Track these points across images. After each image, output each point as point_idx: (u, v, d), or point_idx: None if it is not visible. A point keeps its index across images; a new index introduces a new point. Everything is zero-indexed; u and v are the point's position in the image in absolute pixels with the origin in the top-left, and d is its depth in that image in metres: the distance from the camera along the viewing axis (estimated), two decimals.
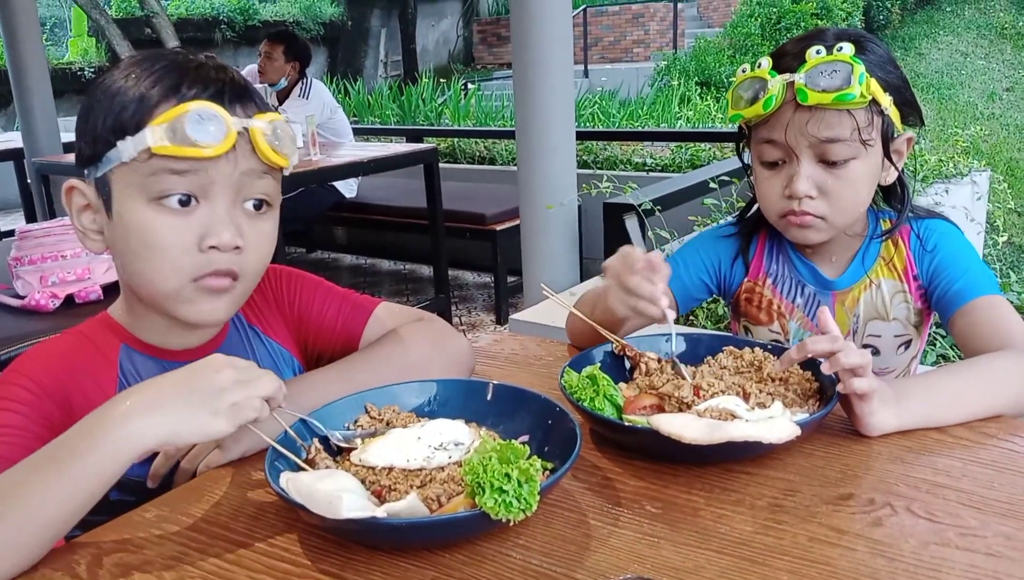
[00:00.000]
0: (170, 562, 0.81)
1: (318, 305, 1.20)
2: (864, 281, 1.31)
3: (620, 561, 0.77)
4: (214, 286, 0.98)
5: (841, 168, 1.19)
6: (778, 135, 1.19)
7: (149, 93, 0.94)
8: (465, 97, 8.57)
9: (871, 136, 1.18)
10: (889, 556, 0.76)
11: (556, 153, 3.33)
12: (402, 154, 4.40)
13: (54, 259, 2.65)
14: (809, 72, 1.13)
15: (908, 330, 1.32)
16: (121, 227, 0.97)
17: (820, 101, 1.13)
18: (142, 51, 1.05)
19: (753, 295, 1.39)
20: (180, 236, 0.95)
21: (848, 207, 1.23)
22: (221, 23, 13.52)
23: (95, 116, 0.96)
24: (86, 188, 1.00)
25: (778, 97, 1.16)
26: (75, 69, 12.09)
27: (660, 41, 14.21)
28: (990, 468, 0.91)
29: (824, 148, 1.18)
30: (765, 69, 1.18)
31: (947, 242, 1.28)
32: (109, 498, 1.03)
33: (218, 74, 0.97)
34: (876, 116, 1.18)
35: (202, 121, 0.91)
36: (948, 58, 12.05)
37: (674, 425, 0.88)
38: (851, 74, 1.12)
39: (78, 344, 1.05)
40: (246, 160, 0.96)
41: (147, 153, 0.92)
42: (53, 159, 5.19)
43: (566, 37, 3.30)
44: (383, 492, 0.83)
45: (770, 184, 1.24)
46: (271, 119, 0.98)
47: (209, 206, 0.96)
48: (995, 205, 4.86)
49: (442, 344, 1.18)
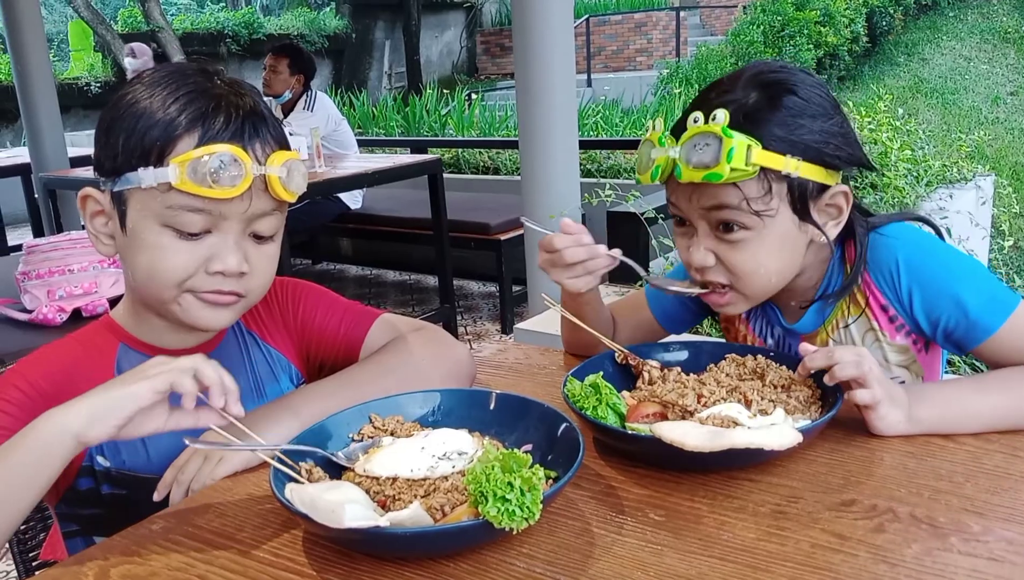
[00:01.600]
0: (176, 573, 0.81)
1: (321, 315, 1.22)
2: (829, 324, 1.21)
3: (624, 569, 0.77)
4: (218, 301, 1.04)
5: (735, 238, 1.09)
6: (676, 201, 1.14)
7: (174, 123, 0.97)
8: (469, 107, 8.59)
9: (768, 206, 1.07)
10: (892, 562, 0.76)
11: (559, 162, 3.34)
12: (406, 165, 4.41)
13: (61, 273, 2.66)
14: (685, 145, 1.05)
15: (893, 371, 1.20)
16: (134, 242, 1.01)
17: (691, 179, 1.04)
18: (165, 66, 1.07)
19: (732, 327, 1.35)
20: (187, 258, 1.00)
21: (751, 278, 1.12)
22: (226, 37, 13.60)
23: (117, 132, 0.99)
24: (101, 197, 1.04)
25: (663, 170, 1.09)
26: (82, 84, 12.17)
27: (663, 50, 14.24)
28: (992, 474, 0.91)
29: (715, 216, 1.09)
30: (657, 133, 1.09)
31: (922, 260, 1.12)
32: (100, 492, 1.05)
33: (240, 108, 1.01)
34: (775, 183, 1.06)
35: (224, 166, 0.96)
36: (952, 63, 12.05)
37: (676, 433, 0.88)
38: (720, 150, 1.01)
39: (78, 347, 1.09)
40: (259, 199, 1.01)
41: (167, 186, 0.96)
42: (60, 174, 5.22)
43: (567, 46, 3.31)
44: (387, 502, 0.84)
45: (680, 245, 1.18)
46: (286, 159, 1.02)
47: (219, 236, 1.01)
48: (1000, 209, 4.85)
49: (443, 353, 1.20)
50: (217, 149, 0.96)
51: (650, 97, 10.74)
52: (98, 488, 1.07)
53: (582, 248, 1.13)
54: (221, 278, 1.02)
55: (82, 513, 1.09)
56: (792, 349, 1.21)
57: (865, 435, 1.01)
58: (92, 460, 1.06)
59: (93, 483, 1.07)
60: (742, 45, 12.07)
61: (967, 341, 1.10)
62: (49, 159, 5.66)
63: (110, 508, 1.07)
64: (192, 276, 1.01)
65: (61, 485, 1.06)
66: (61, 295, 2.64)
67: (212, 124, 0.98)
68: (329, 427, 0.97)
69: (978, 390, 1.04)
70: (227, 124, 0.99)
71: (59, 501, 1.09)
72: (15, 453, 0.85)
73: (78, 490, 1.07)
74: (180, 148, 0.97)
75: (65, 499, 1.08)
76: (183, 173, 0.95)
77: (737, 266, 1.11)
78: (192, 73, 1.02)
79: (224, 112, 0.99)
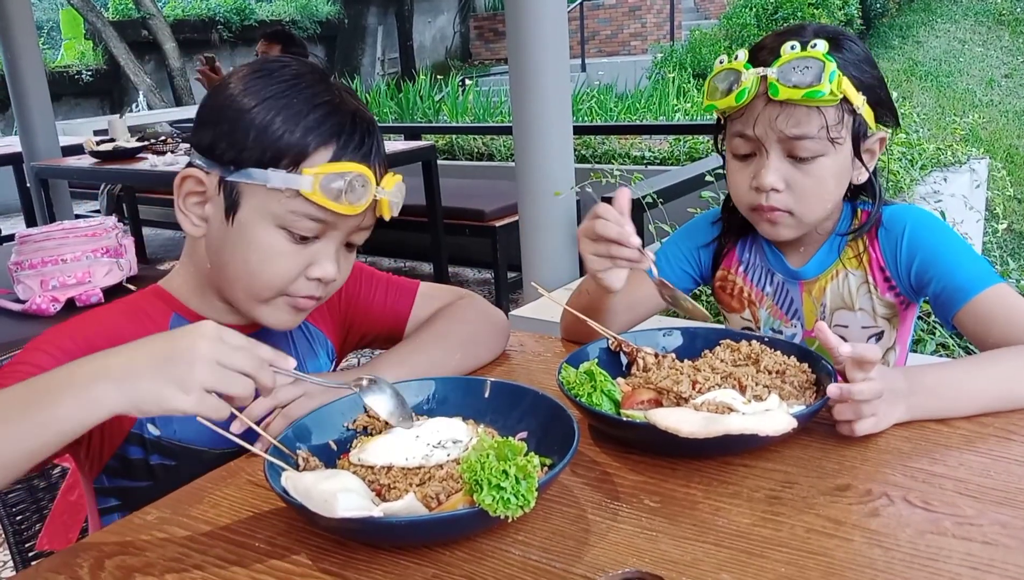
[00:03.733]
0: (171, 564, 0.81)
1: (365, 292, 1.28)
2: (831, 271, 1.31)
3: (619, 555, 0.78)
4: (303, 306, 1.08)
5: (808, 164, 1.19)
6: (749, 128, 1.20)
7: (314, 132, 1.00)
8: (463, 93, 8.56)
9: (840, 134, 1.18)
10: (886, 546, 0.76)
11: (554, 148, 3.32)
12: (400, 152, 4.40)
13: (54, 263, 2.65)
14: (782, 67, 1.14)
15: (876, 322, 1.30)
16: (241, 235, 1.03)
17: (790, 97, 1.13)
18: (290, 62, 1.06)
19: (726, 283, 1.41)
20: (293, 262, 1.04)
21: (814, 203, 1.22)
22: (218, 23, 13.49)
23: (245, 126, 1.00)
24: (206, 179, 1.04)
25: (751, 90, 1.16)
26: (72, 72, 12.08)
27: (657, 34, 14.18)
28: (986, 456, 0.91)
29: (792, 144, 1.18)
30: (741, 61, 1.18)
31: (926, 235, 1.24)
32: (149, 463, 1.06)
33: (368, 126, 1.05)
34: (847, 115, 1.18)
35: (355, 188, 1.00)
36: (946, 46, 12.02)
37: (671, 419, 0.88)
38: (822, 71, 1.12)
39: (128, 312, 1.09)
40: (369, 215, 1.06)
41: (295, 192, 0.99)
42: (52, 163, 5.19)
43: (561, 31, 3.29)
44: (382, 491, 0.84)
45: (740, 176, 1.25)
46: (396, 183, 1.06)
47: (324, 243, 1.05)
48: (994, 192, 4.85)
49: (488, 317, 1.30)
50: (352, 168, 1.00)
51: (644, 82, 10.70)
52: (147, 458, 1.06)
53: (614, 226, 1.09)
54: (316, 284, 1.06)
55: (126, 486, 1.08)
56: (790, 296, 1.34)
57: None
58: (142, 428, 1.05)
59: (143, 452, 1.06)
60: (735, 28, 12.02)
61: (951, 303, 1.18)
62: (40, 148, 5.61)
63: (158, 480, 1.06)
64: (294, 280, 1.04)
65: (106, 455, 1.06)
66: (54, 285, 2.63)
67: (349, 141, 1.01)
68: (323, 417, 0.97)
69: (971, 371, 1.06)
70: (361, 143, 1.02)
71: (100, 473, 1.08)
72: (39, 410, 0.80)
73: (127, 459, 1.06)
74: (316, 159, 1.00)
75: (108, 471, 1.07)
76: (316, 184, 0.98)
77: (805, 190, 1.20)
78: (318, 78, 1.05)
79: (359, 130, 1.03)
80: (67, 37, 13.44)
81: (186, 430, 1.06)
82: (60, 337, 1.01)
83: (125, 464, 1.07)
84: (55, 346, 0.99)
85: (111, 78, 12.56)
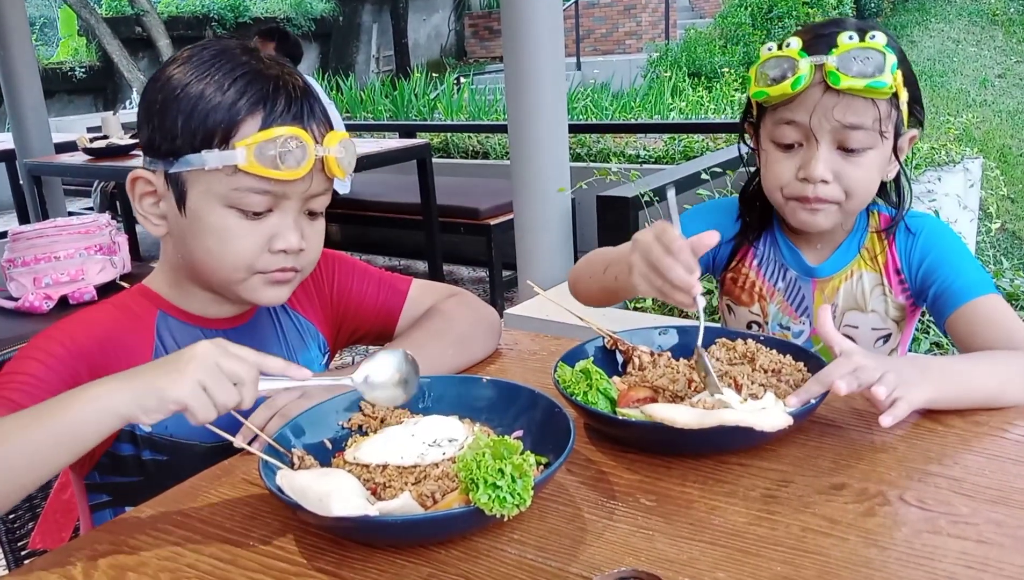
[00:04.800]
0: (165, 562, 0.81)
1: (357, 287, 1.28)
2: (846, 271, 1.32)
3: (615, 554, 0.78)
4: (279, 278, 1.07)
5: (858, 156, 1.19)
6: (801, 117, 1.19)
7: (236, 105, 0.99)
8: (458, 91, 8.55)
9: (887, 128, 1.19)
10: (881, 545, 0.76)
11: (549, 146, 3.32)
12: (395, 150, 4.39)
13: (47, 260, 2.64)
14: (841, 56, 1.13)
15: (887, 324, 1.31)
16: (195, 223, 1.03)
17: (852, 86, 1.13)
18: (206, 45, 1.06)
19: (739, 275, 1.40)
20: (253, 240, 1.03)
21: (860, 195, 1.23)
22: (212, 20, 13.46)
23: (173, 115, 1.00)
24: (153, 178, 1.04)
25: (807, 78, 1.15)
26: (65, 69, 12.03)
27: (652, 32, 14.17)
28: (981, 455, 0.91)
29: (845, 134, 1.18)
30: (795, 49, 1.17)
31: (938, 240, 1.27)
32: (141, 458, 1.06)
33: (296, 89, 1.03)
34: (894, 109, 1.19)
35: (289, 149, 0.98)
36: (940, 45, 12.04)
37: (666, 412, 0.88)
38: (884, 63, 1.13)
39: (116, 312, 1.10)
40: (317, 178, 1.04)
41: (232, 168, 0.98)
42: (45, 160, 5.17)
43: (557, 29, 3.29)
44: (378, 490, 0.83)
45: (783, 166, 1.24)
46: (340, 140, 1.04)
47: (280, 214, 1.04)
48: (988, 192, 4.87)
49: (480, 315, 1.29)
50: (283, 132, 0.98)
51: (639, 80, 10.70)
52: (139, 454, 1.06)
53: (683, 273, 0.98)
54: (283, 256, 1.05)
55: (117, 482, 1.08)
56: (803, 293, 1.34)
57: (855, 418, 1.01)
58: (134, 425, 1.04)
59: (134, 449, 1.06)
60: (730, 27, 12.03)
61: (946, 307, 1.21)
62: (33, 145, 5.60)
63: (150, 475, 1.06)
64: (258, 257, 1.04)
65: (97, 452, 1.05)
66: (47, 282, 2.62)
67: (275, 106, 1.00)
68: (319, 416, 0.97)
69: (970, 366, 1.08)
70: (288, 106, 1.01)
71: (91, 470, 1.08)
72: (52, 418, 0.83)
73: (118, 456, 1.06)
74: (245, 131, 0.99)
75: (99, 467, 1.08)
76: (250, 155, 0.97)
77: (853, 182, 1.21)
78: (239, 52, 1.04)
79: (284, 93, 1.01)
80: (64, 35, 13.38)
81: (178, 426, 1.05)
82: (49, 343, 1.01)
83: (116, 461, 1.07)
84: (45, 353, 0.99)
85: (105, 75, 12.52)
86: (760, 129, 1.28)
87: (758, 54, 1.23)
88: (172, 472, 1.00)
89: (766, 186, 1.29)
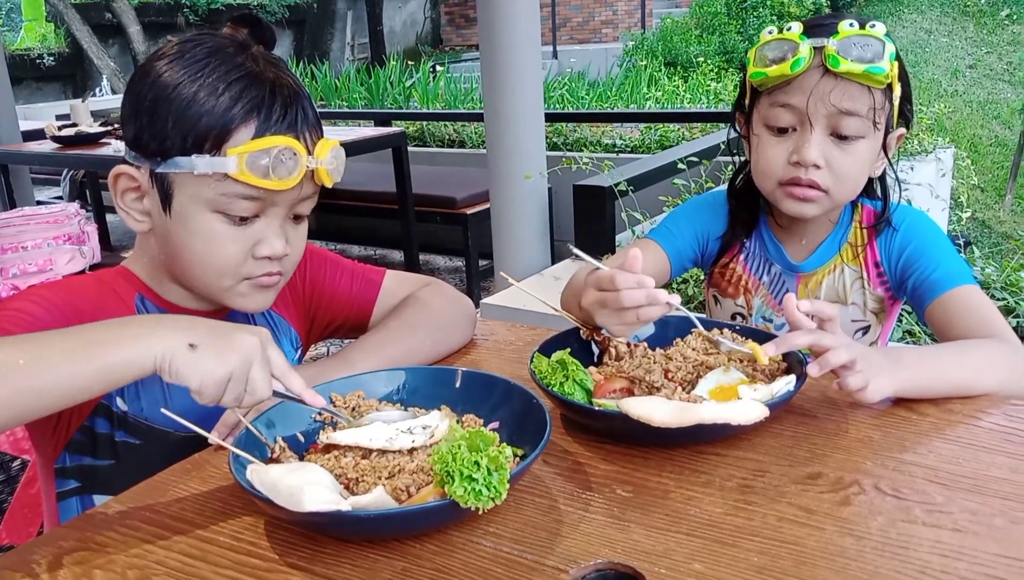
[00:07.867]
0: (133, 559, 0.79)
1: (330, 280, 1.27)
2: (829, 265, 1.34)
3: (591, 546, 0.77)
4: (265, 283, 1.07)
5: (850, 144, 1.20)
6: (797, 100, 1.19)
7: (230, 112, 0.97)
8: (434, 79, 8.49)
9: (880, 120, 1.20)
10: (857, 535, 0.76)
11: (525, 135, 3.31)
12: (370, 138, 4.36)
13: (15, 250, 2.59)
14: (842, 41, 1.14)
15: (866, 316, 1.33)
16: (181, 225, 1.01)
17: (850, 70, 1.14)
18: (198, 40, 1.02)
19: (726, 270, 1.42)
20: (238, 245, 1.02)
21: (849, 184, 1.23)
22: (183, 7, 13.26)
23: (163, 115, 0.97)
24: (138, 174, 1.02)
25: (806, 60, 1.16)
26: (33, 55, 11.81)
27: (628, 21, 14.18)
28: (955, 444, 0.92)
29: (839, 120, 1.18)
30: (795, 32, 1.18)
31: (918, 232, 1.28)
32: (114, 439, 1.04)
33: (290, 94, 1.01)
34: (888, 102, 1.20)
35: (282, 161, 0.97)
36: (912, 36, 12.15)
37: (643, 408, 0.88)
38: (883, 50, 1.14)
39: (99, 285, 1.08)
40: (307, 185, 1.04)
41: (222, 175, 0.97)
42: (12, 148, 5.07)
43: (533, 17, 3.28)
44: (351, 484, 0.82)
45: (775, 150, 1.24)
46: (331, 149, 1.03)
47: (266, 220, 1.03)
48: (959, 181, 4.92)
49: (457, 304, 1.28)
50: (276, 142, 0.97)
51: (616, 69, 10.70)
52: (112, 434, 1.05)
53: (642, 291, 0.96)
54: (267, 261, 1.04)
55: (88, 464, 1.06)
56: (787, 287, 1.37)
57: (830, 408, 1.01)
58: (111, 400, 1.03)
59: (109, 427, 1.04)
60: (706, 16, 12.07)
61: (925, 297, 1.22)
62: (1, 133, 5.49)
63: (121, 459, 1.05)
64: (243, 263, 1.03)
65: (74, 425, 1.03)
66: (15, 273, 2.57)
67: (269, 114, 0.98)
68: (291, 408, 0.95)
69: (942, 355, 1.08)
70: (284, 115, 0.99)
71: (63, 450, 1.05)
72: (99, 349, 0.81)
73: (93, 432, 1.04)
74: (238, 138, 0.97)
75: (72, 446, 1.05)
76: (242, 164, 0.96)
77: (843, 170, 1.21)
78: (233, 52, 1.01)
79: (280, 101, 0.99)
80: (27, 19, 13.12)
81: (153, 410, 1.04)
82: (44, 289, 1.00)
83: (91, 438, 1.05)
84: (41, 297, 0.98)
85: (74, 62, 12.31)
86: (753, 114, 1.28)
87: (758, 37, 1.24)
88: (143, 458, 0.99)
89: (756, 171, 1.29)
